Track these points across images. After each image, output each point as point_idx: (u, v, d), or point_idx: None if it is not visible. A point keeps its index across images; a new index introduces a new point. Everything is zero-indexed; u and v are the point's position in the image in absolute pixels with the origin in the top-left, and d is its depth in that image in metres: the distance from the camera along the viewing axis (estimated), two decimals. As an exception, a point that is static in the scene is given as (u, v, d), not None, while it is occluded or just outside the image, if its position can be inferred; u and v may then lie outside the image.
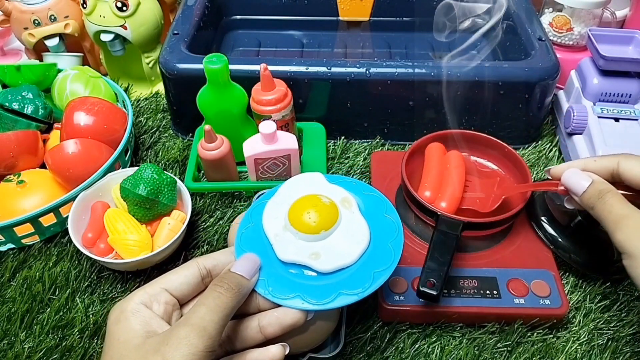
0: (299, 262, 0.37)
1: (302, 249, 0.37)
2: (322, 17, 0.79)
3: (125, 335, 0.32)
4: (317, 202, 0.39)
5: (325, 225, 0.38)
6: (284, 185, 0.42)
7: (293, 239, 0.38)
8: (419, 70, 0.59)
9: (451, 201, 0.49)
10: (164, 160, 0.63)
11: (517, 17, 0.68)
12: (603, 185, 0.40)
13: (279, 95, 0.55)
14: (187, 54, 0.61)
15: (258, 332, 0.35)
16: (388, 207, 0.41)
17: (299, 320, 0.35)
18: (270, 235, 0.38)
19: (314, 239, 0.38)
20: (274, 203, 0.41)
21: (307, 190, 0.41)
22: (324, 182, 0.42)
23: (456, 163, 0.52)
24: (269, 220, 0.39)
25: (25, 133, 0.58)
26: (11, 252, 0.54)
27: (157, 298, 0.35)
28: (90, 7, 0.65)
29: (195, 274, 0.36)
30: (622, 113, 0.59)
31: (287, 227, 0.38)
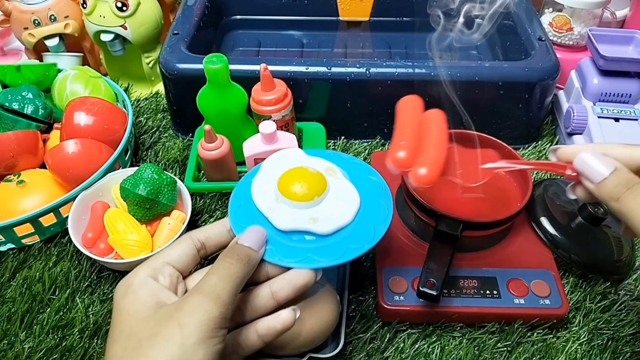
0: (298, 228, 0.37)
1: (299, 217, 0.38)
2: (322, 17, 0.79)
3: (135, 307, 0.32)
4: (305, 172, 0.40)
5: (317, 191, 0.39)
6: (265, 163, 0.43)
7: (288, 209, 0.38)
8: (419, 70, 0.59)
9: (433, 167, 0.39)
10: (164, 160, 0.63)
11: (517, 17, 0.68)
12: (631, 175, 0.33)
13: (279, 95, 0.55)
14: (187, 54, 0.61)
15: (270, 298, 0.35)
16: (370, 170, 0.43)
17: (310, 279, 0.35)
18: (263, 209, 0.39)
19: (308, 205, 0.39)
20: (260, 180, 0.41)
21: (291, 165, 0.41)
22: (304, 155, 0.43)
23: (438, 122, 0.43)
24: (259, 196, 0.40)
25: (25, 133, 0.58)
26: (11, 252, 0.54)
27: (162, 271, 0.35)
28: (90, 7, 0.65)
29: (191, 246, 0.37)
30: (622, 113, 0.59)
31: (279, 199, 0.39)
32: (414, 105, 0.43)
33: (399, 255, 0.49)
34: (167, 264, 0.35)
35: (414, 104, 0.43)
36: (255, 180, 0.41)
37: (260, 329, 0.35)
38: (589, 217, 0.49)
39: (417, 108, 0.43)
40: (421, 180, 0.38)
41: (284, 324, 0.35)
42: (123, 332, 0.31)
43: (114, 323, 0.32)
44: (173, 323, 0.30)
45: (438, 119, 0.42)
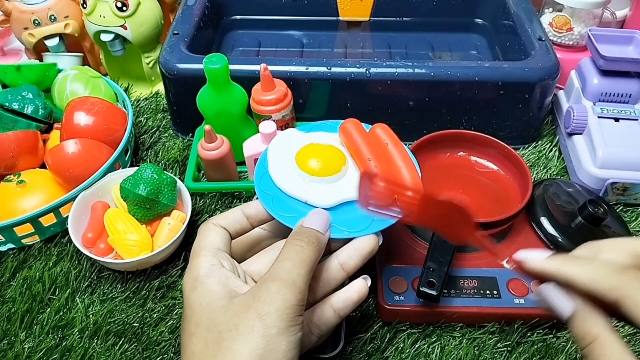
0: (343, 200, 0.38)
1: (337, 189, 0.38)
2: (322, 17, 0.79)
3: (207, 299, 0.31)
4: (320, 147, 0.41)
5: (341, 161, 0.40)
6: (269, 153, 0.42)
7: (323, 186, 0.39)
8: (419, 70, 0.59)
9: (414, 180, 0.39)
10: (164, 160, 0.63)
11: (517, 17, 0.68)
12: (587, 323, 0.27)
13: (279, 95, 0.55)
14: (187, 54, 0.61)
15: (340, 270, 0.35)
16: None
17: (375, 244, 0.36)
18: (299, 194, 0.38)
19: (339, 177, 0.39)
20: (276, 169, 0.41)
21: (296, 146, 0.41)
22: (302, 133, 0.43)
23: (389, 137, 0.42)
24: (287, 184, 0.39)
25: (25, 133, 0.58)
26: (11, 252, 0.54)
27: (221, 255, 0.34)
28: (90, 7, 0.65)
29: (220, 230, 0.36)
30: (622, 113, 0.59)
31: (308, 180, 0.39)
32: (357, 131, 0.42)
33: (399, 255, 0.49)
34: (219, 249, 0.35)
35: (356, 129, 0.42)
36: (271, 170, 0.41)
37: (336, 302, 0.35)
38: (589, 217, 0.49)
39: (361, 132, 0.42)
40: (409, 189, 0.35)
41: (360, 293, 0.35)
42: (200, 325, 0.30)
43: (187, 318, 0.31)
44: (253, 313, 0.29)
45: (388, 136, 0.42)
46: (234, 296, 0.31)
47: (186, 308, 0.32)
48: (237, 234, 0.37)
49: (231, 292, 0.31)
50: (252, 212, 0.38)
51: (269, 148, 0.42)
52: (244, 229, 0.38)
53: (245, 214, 0.37)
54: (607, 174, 0.56)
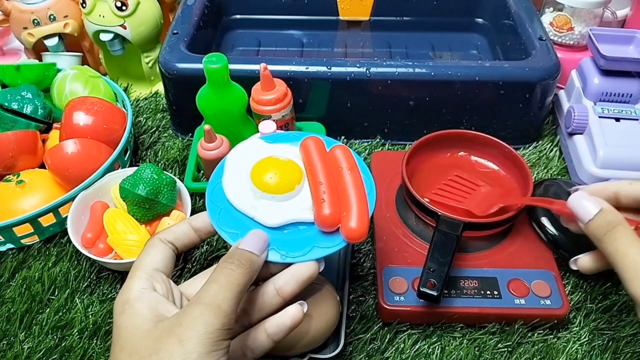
0: (289, 221, 0.36)
1: (286, 209, 0.37)
2: (322, 16, 0.79)
3: (134, 323, 0.31)
4: (277, 162, 0.39)
5: (296, 178, 0.38)
6: (227, 161, 0.40)
7: (272, 204, 0.37)
8: (419, 70, 0.59)
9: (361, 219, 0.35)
10: (163, 160, 0.63)
11: (518, 17, 0.68)
12: (613, 216, 0.35)
13: (279, 95, 0.55)
14: (186, 54, 0.61)
15: (275, 295, 0.34)
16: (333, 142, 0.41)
17: (314, 271, 0.35)
18: (246, 210, 0.37)
19: (291, 195, 0.37)
20: (230, 180, 0.39)
21: (255, 157, 0.39)
22: (264, 143, 0.41)
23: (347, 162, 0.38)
24: (236, 197, 0.37)
25: (25, 133, 0.57)
26: (10, 252, 0.54)
27: (156, 278, 0.34)
28: (89, 6, 0.65)
29: (165, 248, 0.36)
30: (622, 113, 0.59)
31: (259, 195, 0.37)
32: (317, 150, 0.39)
33: (399, 256, 0.49)
34: (156, 270, 0.34)
35: (316, 148, 0.39)
36: (224, 181, 0.39)
37: (270, 327, 0.34)
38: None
39: (320, 152, 0.39)
40: (353, 235, 0.35)
41: (293, 320, 0.34)
42: (124, 350, 0.30)
43: (114, 340, 0.31)
44: (173, 339, 0.29)
45: (347, 158, 0.38)
46: (160, 320, 0.31)
47: (114, 331, 0.32)
48: (185, 248, 0.37)
49: (159, 316, 0.31)
50: (199, 225, 0.37)
51: (228, 157, 0.41)
52: (192, 242, 0.37)
53: (192, 227, 0.37)
54: (608, 173, 0.55)
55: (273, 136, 0.42)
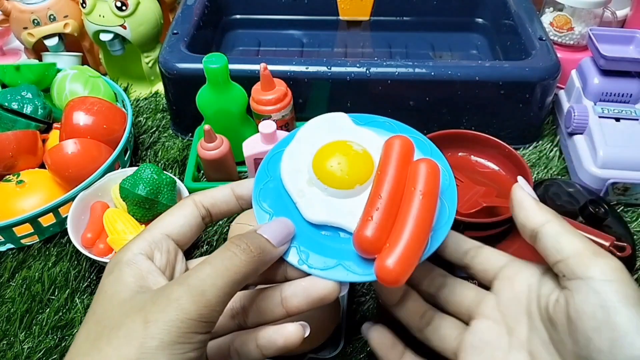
0: (331, 223, 0.30)
1: (334, 207, 0.31)
2: (322, 16, 0.79)
3: (115, 289, 0.27)
4: (347, 150, 0.32)
5: (360, 178, 0.31)
6: (302, 130, 0.34)
7: (322, 196, 0.31)
8: (419, 70, 0.59)
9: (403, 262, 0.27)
10: (163, 160, 0.63)
11: (518, 17, 0.68)
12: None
13: (279, 95, 0.55)
14: (186, 54, 0.61)
15: (279, 304, 0.29)
16: (433, 150, 0.34)
17: (331, 293, 0.28)
18: (292, 191, 0.31)
19: (347, 195, 0.31)
20: (292, 152, 0.33)
21: (333, 136, 0.34)
22: (351, 124, 0.35)
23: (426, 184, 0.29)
24: (290, 174, 0.32)
25: (25, 133, 0.57)
26: (10, 252, 0.54)
27: (159, 246, 0.29)
28: (89, 6, 0.65)
29: (195, 214, 0.31)
30: (622, 113, 0.59)
31: (312, 180, 0.32)
32: (399, 155, 0.31)
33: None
34: (166, 236, 0.30)
35: (400, 153, 0.31)
36: (287, 151, 0.33)
37: (261, 338, 0.29)
38: (589, 218, 0.48)
39: (402, 159, 0.31)
40: (385, 275, 0.27)
41: (287, 340, 0.29)
42: (94, 315, 0.26)
43: (92, 302, 0.27)
44: (139, 317, 0.24)
45: (428, 180, 0.29)
46: (143, 292, 0.26)
47: (96, 293, 0.28)
48: (221, 216, 0.32)
49: (143, 287, 0.27)
50: (243, 193, 0.32)
51: (305, 125, 0.35)
52: (231, 210, 0.32)
53: (235, 194, 0.32)
54: (608, 174, 0.55)
55: (365, 117, 0.36)
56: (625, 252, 0.41)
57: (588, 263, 0.27)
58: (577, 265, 0.27)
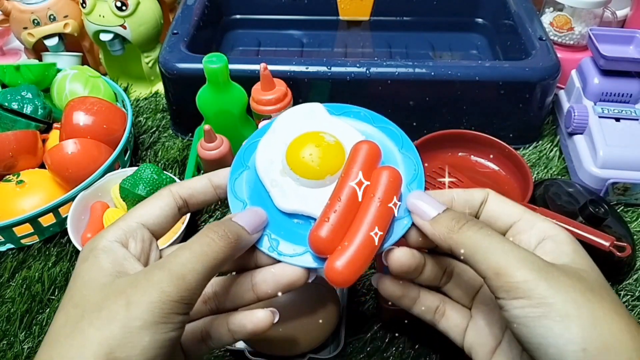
0: (302, 212, 0.31)
1: (306, 197, 0.32)
2: (322, 16, 0.79)
3: (92, 274, 0.28)
4: (319, 141, 0.33)
5: (331, 168, 0.32)
6: (278, 120, 0.35)
7: (294, 185, 0.32)
8: (419, 70, 0.59)
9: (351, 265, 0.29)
10: (163, 160, 0.63)
11: (518, 17, 0.68)
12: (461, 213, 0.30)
13: (279, 95, 0.55)
14: (186, 54, 0.61)
15: (249, 289, 0.31)
16: (404, 142, 0.35)
17: (298, 279, 0.30)
18: (266, 181, 0.33)
19: (318, 185, 0.32)
20: (267, 142, 0.34)
21: (307, 126, 0.34)
22: (326, 114, 0.36)
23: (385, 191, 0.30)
24: (264, 163, 0.33)
25: (25, 133, 0.57)
26: (10, 252, 0.54)
27: (134, 234, 0.30)
28: (89, 6, 0.65)
29: (172, 205, 0.32)
30: (622, 113, 0.59)
31: (285, 171, 0.33)
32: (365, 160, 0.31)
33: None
34: (142, 225, 0.30)
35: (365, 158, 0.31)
36: (262, 142, 0.34)
37: (232, 322, 0.31)
38: (589, 217, 0.49)
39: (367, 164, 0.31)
40: (333, 276, 0.29)
41: (256, 325, 0.30)
42: (72, 299, 0.27)
43: (68, 288, 0.28)
44: (122, 300, 0.25)
45: (387, 188, 0.30)
46: (120, 277, 0.27)
47: (71, 280, 0.29)
48: (198, 206, 0.33)
49: (121, 272, 0.28)
50: (220, 182, 0.33)
51: (281, 115, 0.36)
52: (208, 200, 0.33)
53: (212, 183, 0.33)
54: (608, 173, 0.55)
55: (340, 107, 0.36)
56: (625, 252, 0.41)
57: None
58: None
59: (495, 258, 0.27)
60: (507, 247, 0.27)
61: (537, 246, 0.29)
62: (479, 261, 0.27)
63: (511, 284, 0.26)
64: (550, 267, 0.26)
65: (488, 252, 0.27)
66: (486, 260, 0.27)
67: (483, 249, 0.27)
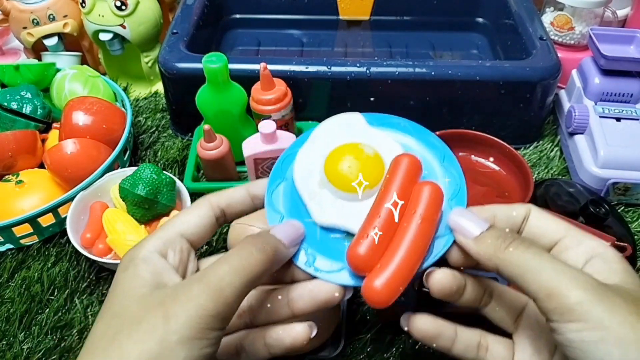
0: (339, 226, 0.31)
1: (344, 210, 0.31)
2: (322, 16, 0.79)
3: (132, 284, 0.27)
4: (359, 154, 0.32)
5: (370, 181, 0.31)
6: (316, 131, 0.35)
7: (332, 198, 0.32)
8: (420, 69, 0.59)
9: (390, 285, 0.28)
10: (163, 160, 0.63)
11: (518, 17, 0.68)
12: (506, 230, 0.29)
13: (279, 95, 0.55)
14: (186, 53, 0.61)
15: (285, 305, 0.30)
16: (446, 154, 0.33)
17: (335, 297, 0.29)
18: (303, 193, 0.32)
19: (357, 198, 0.31)
20: (306, 153, 0.34)
21: (346, 137, 0.34)
22: (365, 125, 0.35)
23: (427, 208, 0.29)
24: (302, 174, 0.33)
25: (24, 133, 0.57)
26: (10, 252, 0.54)
27: (173, 245, 0.30)
28: (89, 6, 0.65)
29: (210, 215, 0.31)
30: (623, 113, 0.58)
31: (323, 183, 0.32)
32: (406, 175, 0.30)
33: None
34: (181, 236, 0.30)
35: (406, 172, 0.30)
36: (300, 152, 0.34)
37: (269, 337, 0.30)
38: (590, 218, 0.48)
39: (407, 180, 0.30)
40: (371, 295, 0.28)
41: (294, 340, 0.30)
42: (111, 309, 0.27)
43: (107, 297, 0.28)
44: (159, 312, 0.25)
45: (429, 204, 0.29)
46: (159, 288, 0.27)
47: (111, 288, 0.28)
48: (236, 216, 0.33)
49: (160, 284, 0.28)
50: (259, 193, 0.33)
51: (321, 125, 0.35)
52: (246, 210, 0.33)
53: (250, 193, 0.33)
54: (609, 173, 0.55)
55: (379, 117, 0.35)
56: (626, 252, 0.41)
57: None
58: None
59: (547, 278, 0.26)
60: (559, 266, 0.26)
61: (586, 264, 0.28)
62: (529, 282, 0.26)
63: (565, 305, 0.25)
64: (604, 288, 0.25)
65: (539, 272, 0.26)
66: (537, 281, 0.26)
67: (533, 269, 0.26)
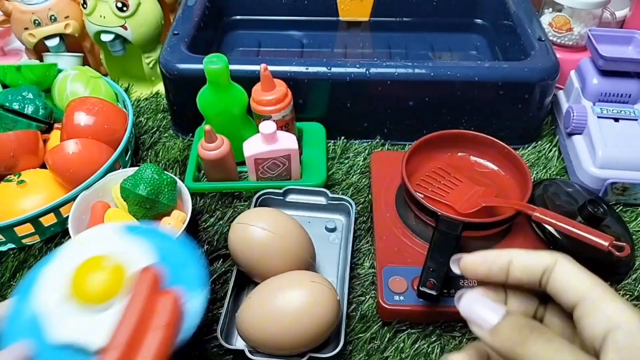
0: (72, 341, 0.31)
1: (82, 324, 0.32)
2: (322, 17, 0.79)
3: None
4: (98, 265, 0.34)
5: (109, 292, 0.32)
6: (68, 245, 0.37)
7: (71, 312, 0.32)
8: (419, 70, 0.59)
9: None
10: (164, 160, 0.63)
11: (517, 17, 0.68)
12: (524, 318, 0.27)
13: (279, 95, 0.55)
14: (187, 54, 0.61)
15: None
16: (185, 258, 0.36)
17: None
18: (46, 307, 0.33)
19: (95, 310, 0.32)
20: (50, 271, 0.35)
21: (97, 250, 0.35)
22: (117, 237, 0.37)
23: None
24: (48, 288, 0.33)
25: (26, 133, 0.58)
26: (11, 252, 0.54)
27: None
28: (90, 7, 0.65)
29: None
30: (621, 113, 0.59)
31: (65, 298, 0.33)
32: (148, 288, 0.33)
33: (399, 255, 0.49)
34: None
35: (148, 286, 0.33)
36: (44, 271, 0.35)
37: None
38: (588, 217, 0.49)
39: (150, 291, 0.33)
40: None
41: None
42: None
43: None
44: None
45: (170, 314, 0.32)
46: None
47: None
48: None
49: None
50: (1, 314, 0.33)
51: (69, 242, 0.38)
52: None
53: None
54: (607, 174, 0.56)
55: (137, 228, 0.38)
56: (624, 251, 0.42)
57: None
58: None
59: None
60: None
61: (607, 337, 0.25)
62: None
63: None
64: None
65: None
66: None
67: None
